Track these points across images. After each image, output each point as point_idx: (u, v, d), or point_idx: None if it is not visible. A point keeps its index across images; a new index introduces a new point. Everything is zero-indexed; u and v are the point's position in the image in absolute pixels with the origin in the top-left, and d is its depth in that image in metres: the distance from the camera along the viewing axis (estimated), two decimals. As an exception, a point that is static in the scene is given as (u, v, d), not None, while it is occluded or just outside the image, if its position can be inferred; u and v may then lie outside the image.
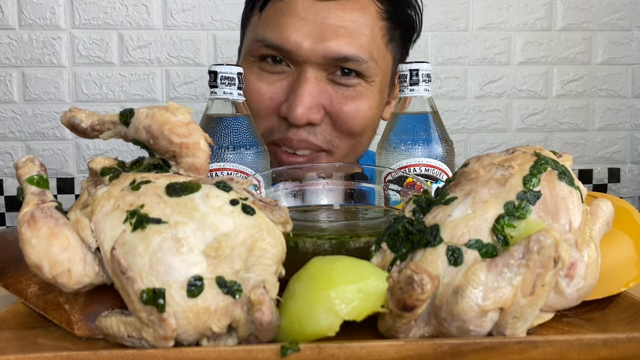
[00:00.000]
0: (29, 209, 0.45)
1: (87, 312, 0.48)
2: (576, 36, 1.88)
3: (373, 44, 0.93)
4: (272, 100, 0.92)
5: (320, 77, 0.91)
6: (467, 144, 1.88)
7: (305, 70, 0.90)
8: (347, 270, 0.46)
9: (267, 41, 0.91)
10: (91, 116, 0.53)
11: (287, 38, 0.89)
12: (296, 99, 0.88)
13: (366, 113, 0.94)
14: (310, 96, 0.89)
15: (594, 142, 1.93)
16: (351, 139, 0.95)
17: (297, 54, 0.90)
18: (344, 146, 0.95)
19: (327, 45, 0.89)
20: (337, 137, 0.94)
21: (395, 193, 0.71)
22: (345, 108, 0.92)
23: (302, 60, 0.90)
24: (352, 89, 0.93)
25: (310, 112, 0.89)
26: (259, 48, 0.93)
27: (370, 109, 0.95)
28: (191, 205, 0.46)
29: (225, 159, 0.72)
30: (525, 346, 0.44)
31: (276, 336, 0.45)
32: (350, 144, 0.95)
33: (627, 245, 0.56)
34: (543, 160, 0.50)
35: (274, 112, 0.92)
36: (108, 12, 1.72)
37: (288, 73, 0.92)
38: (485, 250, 0.46)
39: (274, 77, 0.93)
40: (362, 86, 0.93)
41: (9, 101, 1.72)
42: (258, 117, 0.92)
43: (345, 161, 0.97)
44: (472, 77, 1.86)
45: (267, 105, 0.92)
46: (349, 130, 0.94)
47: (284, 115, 0.90)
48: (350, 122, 0.93)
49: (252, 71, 0.94)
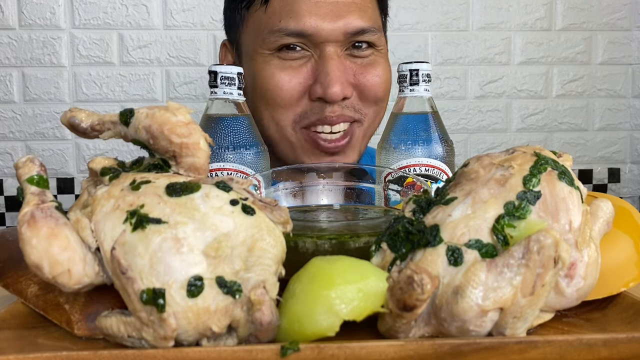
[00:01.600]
0: (29, 209, 0.45)
1: (87, 312, 0.48)
2: (576, 36, 1.88)
3: (375, 13, 0.99)
4: (302, 84, 0.94)
5: (340, 53, 0.95)
6: (467, 144, 1.88)
7: (326, 49, 0.93)
8: (347, 270, 0.46)
9: (286, 30, 0.93)
10: (91, 116, 0.53)
11: (307, 23, 0.92)
12: (329, 77, 0.91)
13: (385, 77, 1.00)
14: (338, 71, 0.93)
15: (594, 142, 1.93)
16: (376, 105, 1.00)
17: (317, 36, 0.93)
18: (370, 113, 1.00)
19: (344, 22, 0.93)
20: (364, 106, 0.98)
21: (395, 193, 0.71)
22: (369, 76, 0.97)
23: (322, 41, 0.93)
24: (367, 59, 0.98)
25: (344, 87, 0.93)
26: (278, 39, 0.94)
27: (386, 73, 1.00)
28: (191, 205, 0.46)
29: (225, 159, 0.72)
30: (525, 346, 0.44)
31: (276, 336, 0.45)
32: (375, 110, 1.00)
33: (627, 245, 0.56)
34: (543, 160, 0.50)
35: (304, 96, 0.95)
36: (108, 12, 1.72)
37: (309, 56, 0.95)
38: (485, 250, 0.46)
39: (297, 63, 0.95)
40: (375, 55, 0.99)
41: (9, 101, 1.72)
42: (288, 104, 0.95)
43: (371, 130, 1.02)
44: (472, 77, 1.86)
45: (297, 90, 0.94)
46: (375, 98, 0.99)
47: (320, 96, 0.93)
48: (375, 89, 0.98)
49: (271, 64, 0.95)
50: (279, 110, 0.95)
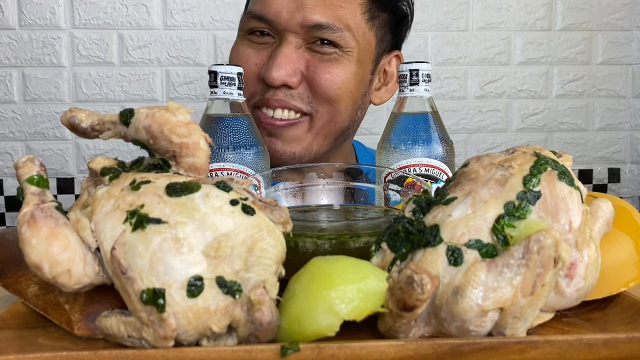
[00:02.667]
0: (29, 209, 0.45)
1: (87, 312, 0.48)
2: (576, 36, 1.88)
3: (351, 17, 0.99)
4: (257, 65, 0.99)
5: (299, 44, 0.97)
6: (467, 144, 1.88)
7: (285, 38, 0.97)
8: (347, 270, 0.46)
9: (252, 13, 1.00)
10: (91, 116, 0.53)
11: (269, 8, 0.97)
12: (273, 62, 0.95)
13: (341, 78, 0.99)
14: (286, 58, 0.95)
15: (594, 142, 1.93)
16: (329, 104, 1.00)
17: (277, 22, 0.97)
18: (324, 112, 1.00)
19: (303, 14, 0.96)
20: (315, 102, 0.99)
21: (395, 193, 0.71)
22: (321, 71, 0.98)
23: (282, 29, 0.97)
24: (328, 56, 0.98)
25: (287, 75, 0.95)
26: (247, 21, 1.01)
27: (345, 74, 0.99)
28: (191, 205, 0.46)
29: (225, 159, 0.72)
30: (525, 346, 0.44)
31: (276, 336, 0.45)
32: (329, 110, 1.00)
33: (627, 245, 0.56)
34: (543, 160, 0.50)
35: (257, 77, 0.99)
36: (108, 12, 1.72)
37: (272, 43, 0.99)
38: (485, 250, 0.46)
39: (261, 47, 1.00)
40: (337, 54, 0.99)
41: (9, 101, 1.72)
42: (245, 84, 0.96)
43: (326, 132, 1.01)
44: (472, 77, 1.86)
45: (252, 70, 0.98)
46: (325, 95, 0.99)
47: (263, 77, 0.97)
48: (326, 85, 0.98)
49: (241, 44, 1.02)
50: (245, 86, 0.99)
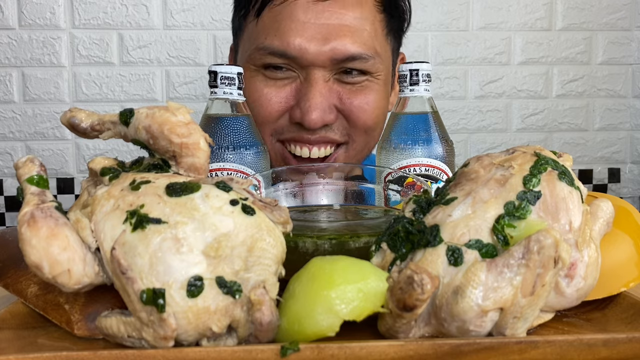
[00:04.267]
0: (28, 209, 0.45)
1: (87, 312, 0.48)
2: (576, 36, 1.88)
3: (375, 39, 0.93)
4: (282, 104, 0.92)
5: (326, 77, 0.90)
6: (467, 144, 1.88)
7: (312, 73, 0.89)
8: (347, 270, 0.46)
9: (270, 49, 0.90)
10: (91, 116, 0.53)
11: (292, 44, 0.88)
12: (308, 104, 0.88)
13: (376, 104, 0.95)
14: (321, 98, 0.88)
15: (594, 142, 1.93)
16: (366, 134, 0.95)
17: (302, 59, 0.89)
18: (360, 141, 0.95)
19: (332, 47, 0.88)
20: (352, 132, 0.94)
21: (395, 193, 0.70)
22: (356, 102, 0.92)
23: (308, 64, 0.89)
24: (359, 84, 0.93)
25: (325, 114, 0.89)
26: (262, 57, 0.91)
27: (379, 100, 0.95)
28: (191, 205, 0.46)
29: (225, 159, 0.72)
30: (525, 346, 0.44)
31: (276, 336, 0.45)
32: (365, 138, 0.96)
33: (627, 245, 0.56)
34: (543, 160, 0.50)
35: (284, 114, 0.92)
36: (108, 12, 1.72)
37: (294, 77, 0.92)
38: (485, 250, 0.46)
39: (282, 82, 0.92)
40: (368, 81, 0.94)
41: (9, 101, 1.72)
42: (267, 121, 0.92)
43: (359, 157, 0.97)
44: (472, 77, 1.86)
45: (277, 109, 0.92)
46: (364, 125, 0.94)
47: (298, 121, 0.90)
48: (363, 115, 0.93)
49: (256, 79, 0.93)
50: (263, 121, 0.93)
